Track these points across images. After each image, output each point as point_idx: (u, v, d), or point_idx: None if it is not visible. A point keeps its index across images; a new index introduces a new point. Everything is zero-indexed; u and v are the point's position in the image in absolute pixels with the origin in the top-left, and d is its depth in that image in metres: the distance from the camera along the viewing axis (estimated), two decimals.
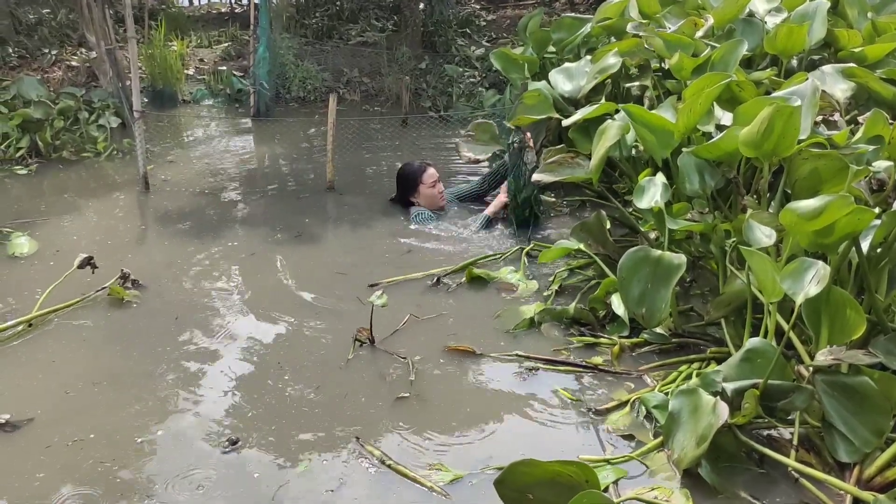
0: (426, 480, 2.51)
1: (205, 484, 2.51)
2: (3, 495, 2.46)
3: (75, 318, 3.62)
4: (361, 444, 2.69)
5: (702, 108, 3.54)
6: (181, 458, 2.64)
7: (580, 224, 4.10)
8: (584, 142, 4.53)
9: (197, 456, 2.65)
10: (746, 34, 4.76)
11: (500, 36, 9.42)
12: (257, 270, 4.19)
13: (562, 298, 3.85)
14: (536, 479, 2.22)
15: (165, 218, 4.93)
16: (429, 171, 5.04)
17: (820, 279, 2.50)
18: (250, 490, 2.49)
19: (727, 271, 3.42)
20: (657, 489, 2.48)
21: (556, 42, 5.87)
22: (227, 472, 2.58)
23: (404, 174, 5.12)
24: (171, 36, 8.37)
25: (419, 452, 2.68)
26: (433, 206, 5.03)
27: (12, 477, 2.55)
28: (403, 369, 3.20)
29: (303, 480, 2.52)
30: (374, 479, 2.54)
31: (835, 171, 2.97)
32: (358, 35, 8.88)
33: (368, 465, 2.59)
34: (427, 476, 2.54)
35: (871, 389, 2.53)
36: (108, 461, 2.62)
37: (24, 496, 2.45)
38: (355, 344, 3.36)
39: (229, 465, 2.62)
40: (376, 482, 2.52)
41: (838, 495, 2.46)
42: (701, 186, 3.58)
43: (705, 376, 2.75)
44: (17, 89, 6.59)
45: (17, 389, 3.05)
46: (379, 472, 2.56)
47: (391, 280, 4.03)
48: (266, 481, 2.52)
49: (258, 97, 7.39)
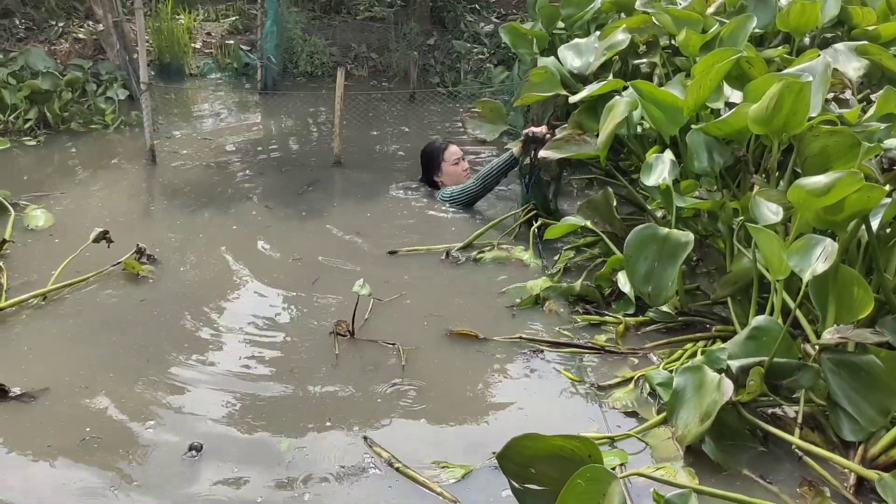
0: (436, 485, 2.42)
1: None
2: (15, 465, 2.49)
3: (90, 292, 3.62)
4: (369, 445, 2.62)
5: (711, 85, 3.49)
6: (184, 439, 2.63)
7: (587, 201, 4.08)
8: (591, 120, 4.49)
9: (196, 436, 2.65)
10: (758, 11, 4.68)
11: (510, 12, 9.32)
12: (265, 244, 4.19)
13: (568, 276, 3.84)
14: (539, 453, 2.22)
15: (173, 191, 4.92)
16: (451, 149, 4.94)
17: (827, 256, 2.48)
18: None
19: (734, 250, 3.40)
20: (662, 468, 2.48)
21: (566, 17, 5.79)
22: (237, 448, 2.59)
23: (426, 154, 5.03)
24: (179, 9, 8.31)
25: (426, 446, 2.63)
26: (458, 184, 4.87)
27: (24, 445, 2.57)
28: (407, 357, 3.15)
29: (310, 484, 2.46)
30: (382, 483, 2.47)
31: (845, 148, 2.92)
32: (366, 10, 8.80)
33: (376, 469, 2.52)
34: (436, 476, 2.48)
35: (878, 368, 2.52)
36: (119, 432, 2.64)
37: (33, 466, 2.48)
38: (336, 338, 3.24)
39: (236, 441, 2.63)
40: (385, 487, 2.45)
41: (842, 474, 2.46)
42: (710, 164, 3.54)
43: (710, 354, 2.74)
44: (24, 60, 6.55)
45: (31, 363, 3.05)
46: (388, 476, 2.49)
47: (411, 249, 4.05)
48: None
49: (265, 71, 7.35)
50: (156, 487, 2.40)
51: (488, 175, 4.67)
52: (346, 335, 3.26)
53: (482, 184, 4.67)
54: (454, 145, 4.99)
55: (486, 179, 4.67)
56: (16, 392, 2.81)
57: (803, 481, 2.43)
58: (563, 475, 2.06)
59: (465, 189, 4.71)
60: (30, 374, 2.94)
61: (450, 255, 4.02)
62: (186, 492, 2.39)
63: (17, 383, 2.84)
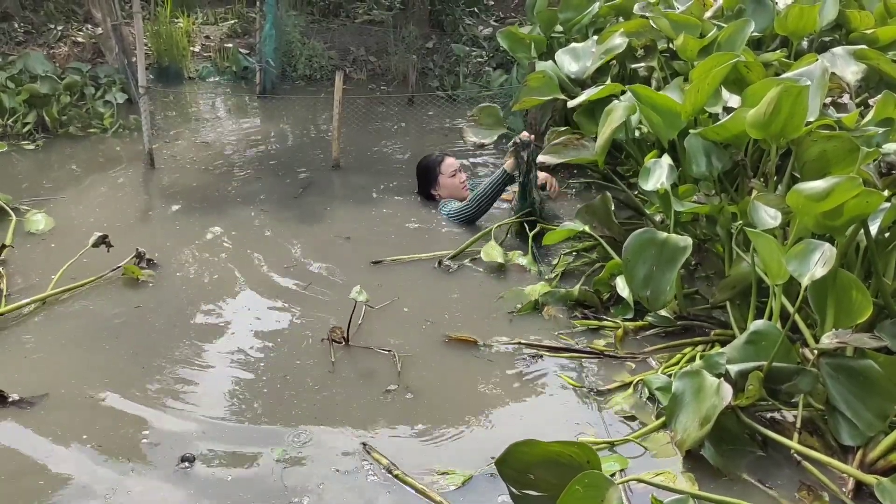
0: (434, 493, 2.41)
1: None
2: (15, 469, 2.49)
3: (89, 297, 3.61)
4: (368, 451, 2.61)
5: (709, 89, 3.50)
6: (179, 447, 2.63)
7: (585, 206, 4.08)
8: (589, 124, 4.49)
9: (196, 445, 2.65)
10: (756, 15, 4.70)
11: (508, 15, 9.32)
12: (261, 250, 4.17)
13: (566, 281, 3.83)
14: (537, 458, 2.22)
15: (172, 195, 4.91)
16: (447, 161, 4.86)
17: (826, 261, 2.49)
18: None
19: (733, 254, 3.41)
20: (662, 474, 2.48)
21: (564, 22, 5.82)
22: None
23: (422, 168, 4.95)
24: (177, 13, 8.30)
25: (426, 454, 2.63)
26: (456, 196, 4.81)
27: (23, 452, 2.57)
28: (403, 362, 3.14)
29: (305, 492, 2.45)
30: (380, 489, 2.46)
31: (844, 153, 2.93)
32: (365, 13, 8.80)
33: (375, 476, 2.51)
34: (435, 482, 2.47)
35: (877, 373, 2.52)
36: (115, 441, 2.64)
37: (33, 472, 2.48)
38: (331, 345, 3.23)
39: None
40: (384, 493, 2.45)
41: (841, 478, 2.46)
42: (708, 169, 3.55)
43: (709, 358, 2.75)
44: (23, 64, 6.54)
45: (30, 368, 3.05)
46: (386, 482, 2.48)
47: (395, 258, 4.02)
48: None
49: (264, 75, 7.35)
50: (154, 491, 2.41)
51: (482, 197, 4.49)
52: (340, 342, 3.24)
53: (476, 206, 4.51)
54: (451, 157, 4.92)
55: (480, 201, 4.50)
56: (14, 398, 2.80)
57: (802, 486, 2.43)
58: (562, 481, 2.07)
59: (460, 210, 4.58)
60: (29, 380, 2.94)
61: (442, 263, 4.00)
62: (181, 500, 2.39)
63: (15, 389, 2.84)
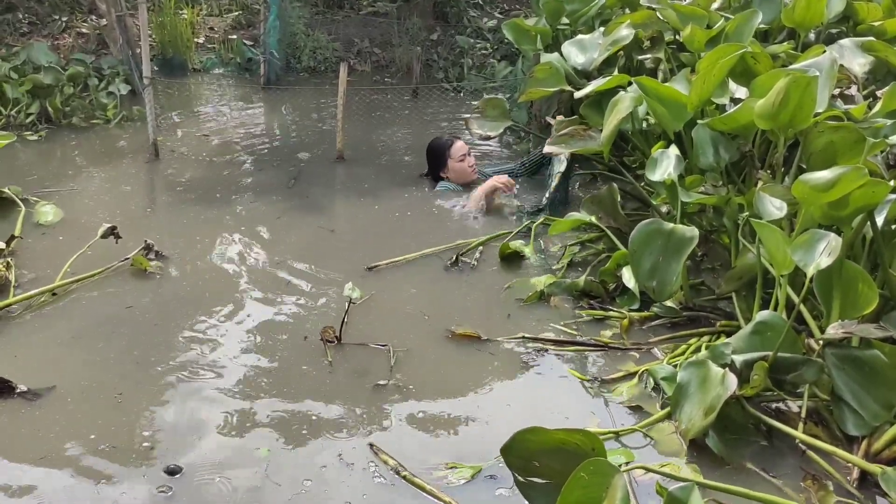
0: (443, 495, 2.39)
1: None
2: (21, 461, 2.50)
3: (98, 288, 3.62)
4: (375, 452, 2.58)
5: (715, 80, 3.49)
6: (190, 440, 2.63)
7: (591, 197, 4.08)
8: (595, 115, 4.48)
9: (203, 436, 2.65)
10: (763, 6, 4.67)
11: (513, 7, 9.30)
12: (263, 244, 4.17)
13: (572, 272, 3.83)
14: (542, 446, 2.21)
15: (177, 186, 4.92)
16: (457, 145, 4.90)
17: (831, 251, 2.48)
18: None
19: (739, 245, 3.40)
20: (667, 465, 2.48)
21: (570, 13, 5.78)
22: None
23: (432, 149, 4.99)
24: (182, 4, 8.30)
25: (431, 449, 2.63)
26: (463, 180, 4.87)
27: (31, 442, 2.58)
28: (402, 357, 3.13)
29: (315, 490, 2.43)
30: (386, 487, 2.44)
31: (851, 144, 2.93)
32: (369, 5, 8.79)
33: (381, 477, 2.48)
34: (443, 477, 2.47)
35: (882, 363, 2.52)
36: (122, 434, 2.64)
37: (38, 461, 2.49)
38: (326, 345, 3.18)
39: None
40: (389, 489, 2.44)
41: (845, 468, 2.46)
42: (715, 159, 3.54)
43: (714, 348, 2.75)
44: (27, 55, 6.54)
45: (38, 359, 3.05)
46: (392, 480, 2.47)
47: (391, 261, 3.93)
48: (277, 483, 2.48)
49: (268, 66, 7.34)
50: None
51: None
52: (332, 341, 3.19)
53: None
54: (460, 141, 4.96)
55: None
56: (22, 389, 2.81)
57: (807, 475, 2.42)
58: (567, 468, 2.06)
59: (459, 188, 4.90)
60: (36, 372, 2.94)
61: (458, 260, 3.95)
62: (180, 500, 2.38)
63: (22, 380, 2.84)
